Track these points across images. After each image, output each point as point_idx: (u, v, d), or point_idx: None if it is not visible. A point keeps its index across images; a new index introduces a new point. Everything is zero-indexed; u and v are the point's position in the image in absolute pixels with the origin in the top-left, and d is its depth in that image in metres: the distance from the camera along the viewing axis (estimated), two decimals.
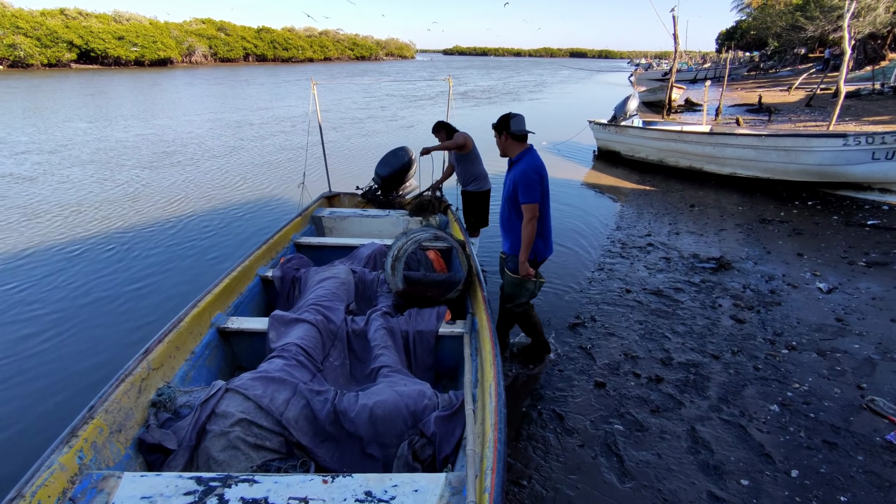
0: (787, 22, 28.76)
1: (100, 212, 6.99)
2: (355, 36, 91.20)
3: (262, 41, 68.29)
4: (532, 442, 2.82)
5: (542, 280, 3.32)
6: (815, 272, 4.95)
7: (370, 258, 3.92)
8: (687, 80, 32.23)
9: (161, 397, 2.29)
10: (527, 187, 3.00)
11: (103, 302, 4.49)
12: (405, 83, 33.78)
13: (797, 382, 3.28)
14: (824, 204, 7.22)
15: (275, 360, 2.52)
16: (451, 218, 4.86)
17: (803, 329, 3.94)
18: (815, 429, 2.86)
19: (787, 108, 16.96)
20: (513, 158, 3.21)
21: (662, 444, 2.78)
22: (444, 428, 2.14)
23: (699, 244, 5.86)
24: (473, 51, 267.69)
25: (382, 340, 2.80)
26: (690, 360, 3.57)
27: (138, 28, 50.78)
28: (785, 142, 7.69)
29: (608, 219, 6.93)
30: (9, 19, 41.74)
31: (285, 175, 9.28)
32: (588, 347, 3.75)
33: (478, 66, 75.02)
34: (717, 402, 3.12)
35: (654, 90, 21.59)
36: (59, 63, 44.42)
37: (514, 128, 3.11)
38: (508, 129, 3.11)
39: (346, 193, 5.70)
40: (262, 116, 17.59)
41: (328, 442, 2.22)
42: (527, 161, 3.08)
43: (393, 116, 18.20)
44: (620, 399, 3.17)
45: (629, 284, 4.81)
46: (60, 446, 1.81)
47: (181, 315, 2.71)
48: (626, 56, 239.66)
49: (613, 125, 10.87)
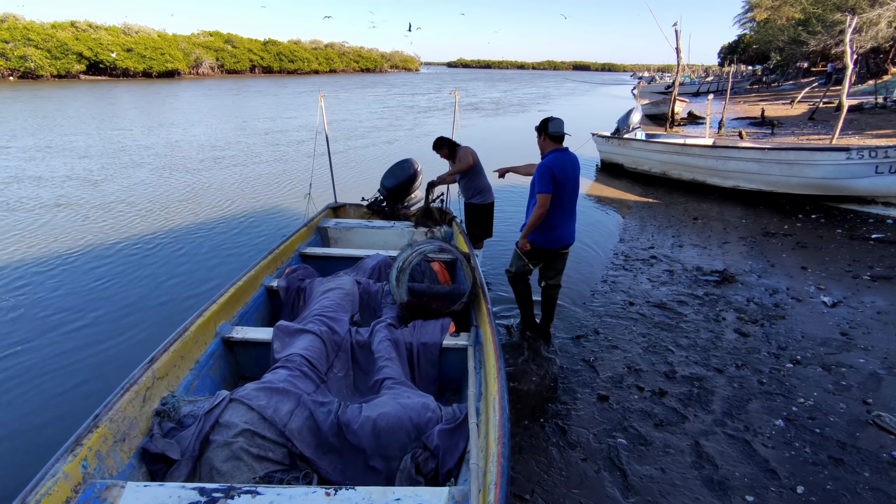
0: (790, 36, 28.95)
1: (106, 221, 7.05)
2: (360, 48, 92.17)
3: (269, 53, 69.08)
4: (535, 455, 2.80)
5: (531, 267, 3.77)
6: (819, 286, 4.93)
7: (375, 269, 3.93)
8: (690, 93, 32.38)
9: (165, 407, 2.29)
10: (539, 179, 3.47)
11: (105, 314, 4.52)
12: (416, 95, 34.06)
13: (802, 397, 3.27)
14: (828, 217, 7.22)
15: (279, 370, 2.52)
16: (455, 230, 4.88)
17: (808, 343, 3.92)
18: (820, 444, 2.84)
19: (789, 121, 17.01)
20: (542, 154, 3.65)
21: (666, 458, 2.77)
22: (448, 441, 2.14)
23: (702, 257, 5.85)
24: (477, 63, 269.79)
25: (386, 352, 2.80)
26: (694, 373, 3.56)
27: (147, 40, 51.47)
28: (788, 155, 7.71)
29: (611, 231, 6.95)
30: (20, 31, 42.39)
31: (292, 186, 9.35)
32: (591, 360, 3.74)
33: (483, 79, 75.60)
34: (721, 416, 3.10)
35: (657, 103, 21.73)
36: (68, 74, 45.02)
37: (552, 129, 3.57)
38: (546, 131, 3.59)
39: (351, 204, 5.73)
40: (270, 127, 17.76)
41: (331, 454, 2.22)
42: (548, 159, 3.51)
43: (403, 126, 18.35)
44: (624, 413, 3.16)
45: (632, 297, 4.80)
46: (65, 455, 1.81)
47: (186, 324, 2.72)
48: (629, 69, 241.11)
49: (616, 138, 10.92)
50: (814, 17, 25.73)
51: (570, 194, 3.57)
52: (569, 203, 3.59)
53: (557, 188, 3.44)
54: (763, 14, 41.62)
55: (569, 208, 3.62)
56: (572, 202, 3.63)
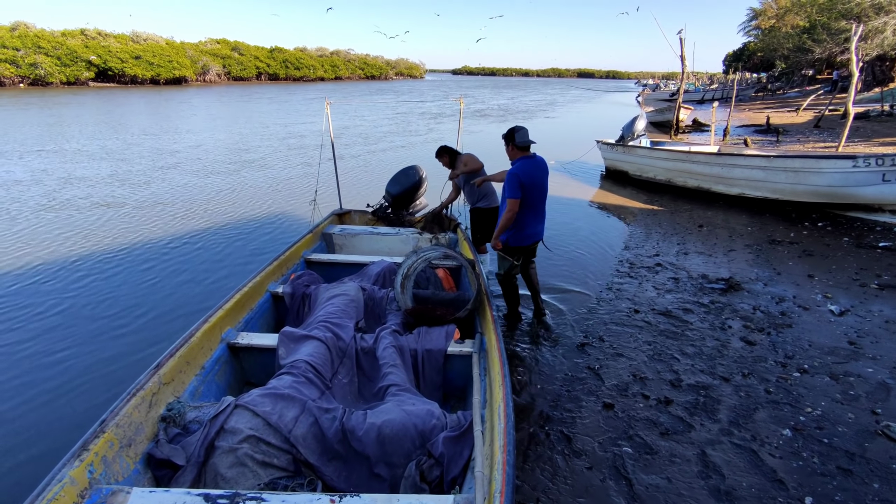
0: (795, 44, 28.95)
1: (116, 224, 7.11)
2: (366, 56, 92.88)
3: (275, 60, 69.80)
4: (540, 463, 2.79)
5: (516, 263, 4.09)
6: (826, 294, 4.90)
7: (380, 276, 3.94)
8: (694, 100, 32.40)
9: (171, 412, 2.30)
10: (508, 185, 3.76)
11: (106, 319, 4.54)
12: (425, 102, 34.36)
13: (810, 407, 3.24)
14: (835, 225, 7.18)
15: (284, 376, 2.53)
16: (460, 236, 4.90)
17: (815, 352, 3.89)
18: (829, 455, 2.81)
19: (795, 128, 16.97)
20: (512, 162, 3.92)
21: (672, 467, 2.74)
22: (453, 449, 2.13)
23: (708, 265, 5.83)
24: (482, 71, 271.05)
25: (391, 359, 2.80)
26: (700, 382, 3.53)
27: (155, 48, 52.14)
28: (794, 163, 7.69)
29: (616, 238, 6.93)
30: (31, 39, 43.07)
31: (297, 192, 9.41)
32: (596, 368, 3.73)
33: (488, 86, 75.96)
34: (727, 425, 3.08)
35: (661, 110, 21.72)
36: (77, 81, 45.60)
37: (518, 140, 3.83)
38: (514, 141, 3.86)
39: (356, 211, 5.76)
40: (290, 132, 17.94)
41: (336, 461, 2.22)
42: (516, 166, 3.81)
43: (417, 132, 18.46)
44: (629, 421, 3.14)
45: (637, 304, 4.79)
46: (71, 460, 1.82)
47: (192, 330, 2.73)
48: (633, 76, 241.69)
49: (621, 145, 10.92)
50: (819, 24, 25.73)
51: (539, 197, 3.92)
52: (539, 204, 3.96)
53: (526, 192, 3.77)
54: (768, 22, 41.68)
55: (539, 209, 3.98)
56: (542, 203, 3.99)
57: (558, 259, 5.96)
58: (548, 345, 4.07)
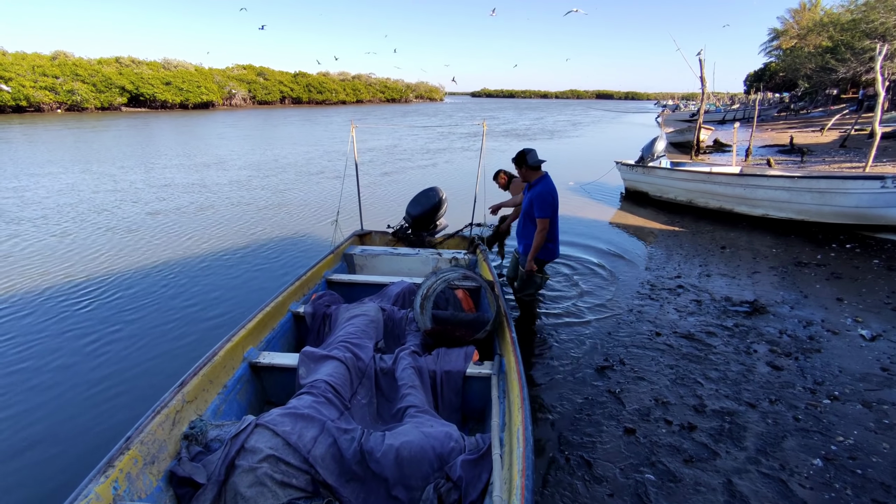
0: (818, 64, 28.66)
1: (133, 248, 7.32)
2: (387, 79, 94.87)
3: (298, 85, 71.80)
4: (559, 489, 2.74)
5: (547, 276, 4.26)
6: (856, 318, 4.75)
7: (399, 296, 3.97)
8: (715, 120, 32.16)
9: (193, 430, 2.34)
10: (541, 205, 3.88)
11: (133, 340, 4.65)
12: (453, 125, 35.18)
13: (841, 435, 3.12)
14: (863, 247, 6.99)
15: (304, 396, 2.55)
16: (479, 258, 4.91)
17: (846, 378, 3.76)
18: (862, 486, 2.70)
19: (820, 149, 16.68)
20: (531, 183, 4.07)
21: (697, 496, 2.67)
22: (471, 472, 2.12)
23: (731, 287, 5.72)
24: (501, 93, 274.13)
25: (410, 380, 2.81)
26: (725, 407, 3.44)
27: (184, 74, 54.24)
28: (819, 184, 7.55)
29: (636, 260, 6.86)
30: (70, 67, 45.27)
31: (320, 213, 9.57)
32: (617, 391, 3.67)
33: (509, 108, 76.72)
34: (755, 453, 2.98)
35: (681, 131, 21.61)
36: (111, 106, 47.61)
37: (531, 161, 4.01)
38: (526, 162, 4.02)
39: (377, 232, 5.83)
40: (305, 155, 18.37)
41: (354, 482, 2.22)
42: (543, 185, 3.95)
43: (455, 148, 18.69)
44: (651, 447, 3.07)
45: (659, 327, 4.71)
46: (97, 476, 1.87)
47: (215, 349, 2.79)
48: (652, 97, 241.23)
49: (641, 166, 10.88)
50: (842, 44, 25.46)
51: (557, 212, 4.10)
52: (558, 220, 4.15)
53: (554, 211, 3.95)
54: (790, 42, 41.39)
55: (558, 225, 4.18)
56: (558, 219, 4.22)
57: (578, 279, 5.92)
58: (568, 367, 4.03)
